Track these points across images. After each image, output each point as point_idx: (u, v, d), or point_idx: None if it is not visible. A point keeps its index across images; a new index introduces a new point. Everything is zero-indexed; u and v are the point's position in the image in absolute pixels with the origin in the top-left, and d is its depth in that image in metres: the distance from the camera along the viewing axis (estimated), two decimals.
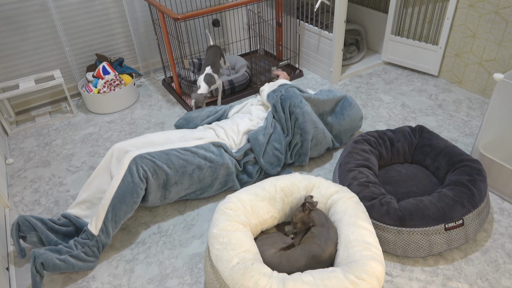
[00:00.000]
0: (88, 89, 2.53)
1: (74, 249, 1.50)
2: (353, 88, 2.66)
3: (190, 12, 2.17)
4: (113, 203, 1.53)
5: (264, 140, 1.85)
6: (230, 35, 3.17)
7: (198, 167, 1.70)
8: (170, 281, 1.49)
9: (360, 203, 1.45)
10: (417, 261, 1.50)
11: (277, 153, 1.87)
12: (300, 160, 1.95)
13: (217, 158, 1.74)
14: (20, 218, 1.53)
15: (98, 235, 1.51)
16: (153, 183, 1.62)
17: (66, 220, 1.63)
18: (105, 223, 1.52)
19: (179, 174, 1.67)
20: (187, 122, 2.07)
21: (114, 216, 1.53)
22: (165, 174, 1.63)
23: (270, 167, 1.87)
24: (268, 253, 1.34)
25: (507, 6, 2.16)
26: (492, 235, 1.58)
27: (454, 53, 2.54)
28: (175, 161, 1.65)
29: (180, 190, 1.73)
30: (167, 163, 1.63)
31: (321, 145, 1.96)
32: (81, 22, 2.61)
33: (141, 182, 1.57)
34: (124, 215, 1.56)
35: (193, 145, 1.74)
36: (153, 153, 1.63)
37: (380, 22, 2.94)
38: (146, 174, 1.58)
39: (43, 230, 1.53)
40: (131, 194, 1.55)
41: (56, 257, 1.43)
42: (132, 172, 1.55)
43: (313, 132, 1.90)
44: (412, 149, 1.84)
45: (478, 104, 2.40)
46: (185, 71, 2.61)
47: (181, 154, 1.68)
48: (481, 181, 1.53)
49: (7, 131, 2.41)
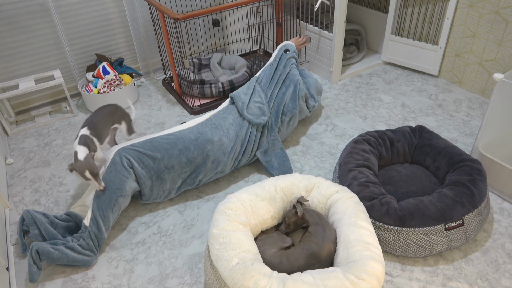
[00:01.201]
0: (88, 89, 2.53)
1: (69, 241, 1.54)
2: (353, 88, 2.66)
3: (190, 12, 2.17)
4: (97, 193, 1.58)
5: (245, 98, 1.96)
6: (230, 35, 3.17)
7: (185, 147, 1.74)
8: (170, 281, 1.49)
9: (360, 203, 1.45)
10: (417, 261, 1.50)
11: (258, 105, 1.96)
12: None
13: (201, 136, 1.78)
14: (25, 211, 1.58)
15: (89, 225, 1.55)
16: (141, 173, 1.66)
17: (67, 217, 1.66)
18: (93, 213, 1.56)
19: (166, 158, 1.71)
20: None
21: (99, 203, 1.57)
22: (151, 160, 1.68)
23: (255, 118, 1.93)
24: (268, 253, 1.34)
25: (507, 6, 2.16)
26: (492, 235, 1.58)
27: (454, 53, 2.54)
28: (158, 146, 1.70)
29: (174, 176, 1.75)
30: (151, 149, 1.69)
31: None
32: (81, 22, 2.61)
33: (125, 170, 1.62)
34: (109, 202, 1.58)
35: (177, 130, 1.80)
36: (136, 144, 1.70)
37: (380, 22, 2.94)
38: (130, 162, 1.64)
39: (42, 223, 1.56)
40: (113, 180, 1.59)
41: (51, 246, 1.47)
42: (116, 161, 1.62)
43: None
44: (412, 149, 1.84)
45: (478, 104, 2.40)
46: (185, 71, 2.61)
47: (163, 139, 1.73)
48: (481, 181, 1.53)
49: (7, 131, 2.41)
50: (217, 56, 2.92)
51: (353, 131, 2.23)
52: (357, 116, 2.36)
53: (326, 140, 2.18)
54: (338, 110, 2.43)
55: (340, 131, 2.25)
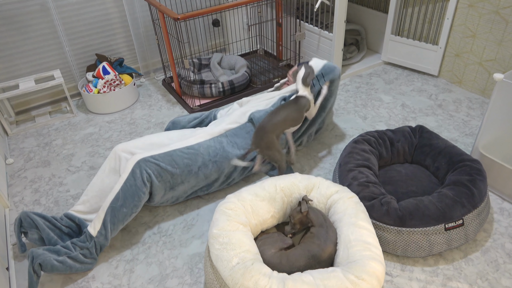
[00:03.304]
0: (88, 89, 2.53)
1: (72, 250, 1.49)
2: (353, 88, 2.66)
3: (190, 12, 2.17)
4: (113, 205, 1.53)
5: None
6: (230, 35, 3.17)
7: (203, 164, 1.71)
8: (170, 281, 1.49)
9: (360, 203, 1.45)
10: (417, 261, 1.50)
11: None
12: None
13: (220, 153, 1.74)
14: (23, 214, 1.54)
15: (96, 236, 1.51)
16: (158, 186, 1.62)
17: (69, 221, 1.63)
18: (104, 225, 1.52)
19: (185, 174, 1.68)
20: (174, 125, 2.10)
21: (113, 218, 1.53)
22: (170, 175, 1.64)
23: None
24: (268, 253, 1.34)
25: (507, 6, 2.16)
26: (492, 235, 1.58)
27: (454, 53, 2.54)
28: (179, 161, 1.65)
29: (187, 188, 1.74)
30: (171, 164, 1.64)
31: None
32: (81, 22, 2.61)
33: (144, 185, 1.57)
34: (124, 217, 1.56)
35: (195, 142, 1.74)
36: (157, 156, 1.63)
37: (380, 22, 2.94)
38: (150, 177, 1.59)
39: (44, 228, 1.53)
40: (132, 197, 1.55)
41: (54, 258, 1.43)
42: (136, 175, 1.56)
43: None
44: (412, 149, 1.84)
45: (478, 104, 2.40)
46: (185, 71, 2.61)
47: (184, 153, 1.68)
48: (481, 181, 1.53)
49: (7, 131, 2.41)
50: (217, 56, 2.92)
51: (353, 131, 2.23)
52: (357, 116, 2.36)
53: (326, 140, 2.18)
54: (338, 110, 2.43)
55: (340, 131, 2.25)
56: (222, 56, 2.93)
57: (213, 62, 2.86)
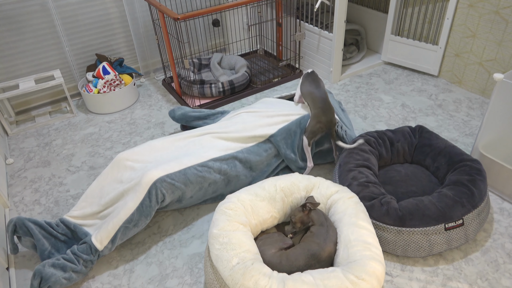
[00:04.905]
0: (88, 89, 2.53)
1: (76, 264, 1.46)
2: (353, 88, 2.66)
3: (190, 12, 2.17)
4: (126, 224, 1.52)
5: (288, 152, 1.89)
6: (230, 35, 3.17)
7: (214, 181, 1.72)
8: (170, 281, 1.49)
9: (360, 203, 1.45)
10: (417, 261, 1.50)
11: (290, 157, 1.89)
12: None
13: (230, 171, 1.75)
14: (18, 220, 1.50)
15: (102, 250, 1.50)
16: (167, 200, 1.63)
17: (65, 228, 1.60)
18: (112, 241, 1.51)
19: (195, 190, 1.69)
20: (186, 121, 2.11)
21: (123, 236, 1.54)
22: (181, 191, 1.65)
23: (293, 163, 1.92)
24: (268, 253, 1.34)
25: (507, 6, 2.16)
26: (492, 235, 1.58)
27: (454, 53, 2.54)
28: (192, 178, 1.65)
29: (193, 201, 1.76)
30: (184, 182, 1.64)
31: None
32: (81, 22, 2.61)
33: (157, 204, 1.58)
34: (132, 234, 1.58)
35: (208, 158, 1.72)
36: (173, 175, 1.61)
37: (380, 22, 2.94)
38: (163, 196, 1.59)
39: (39, 238, 1.51)
40: (146, 217, 1.56)
41: (62, 276, 1.41)
42: (151, 196, 1.55)
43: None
44: (412, 149, 1.84)
45: (478, 104, 2.40)
46: (185, 71, 2.61)
47: (198, 171, 1.67)
48: (481, 181, 1.53)
49: (7, 131, 2.41)
50: (217, 56, 2.92)
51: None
52: (357, 116, 2.36)
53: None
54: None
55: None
56: (222, 56, 2.93)
57: (213, 62, 2.86)
